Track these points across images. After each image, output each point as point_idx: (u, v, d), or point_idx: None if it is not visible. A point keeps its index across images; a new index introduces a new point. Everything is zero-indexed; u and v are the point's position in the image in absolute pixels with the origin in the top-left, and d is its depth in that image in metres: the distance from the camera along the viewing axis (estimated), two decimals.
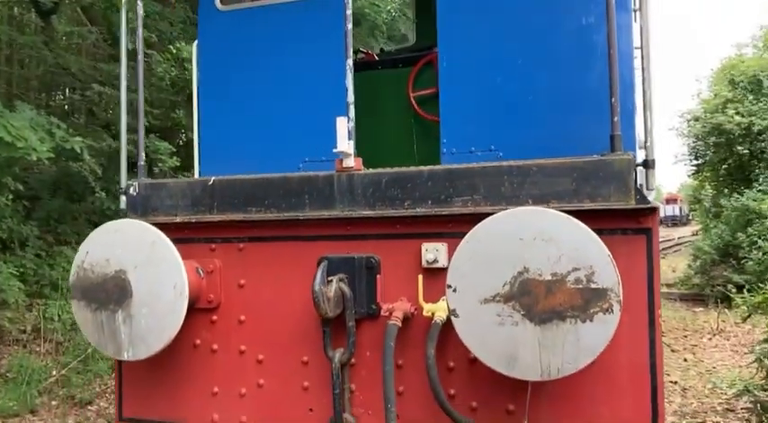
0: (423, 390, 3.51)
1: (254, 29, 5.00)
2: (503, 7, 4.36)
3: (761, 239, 14.26)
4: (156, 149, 10.26)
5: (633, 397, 3.32)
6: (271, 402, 3.98)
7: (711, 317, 12.69)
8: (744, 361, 9.10)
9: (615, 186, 3.33)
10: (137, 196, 4.30)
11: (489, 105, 4.36)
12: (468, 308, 3.15)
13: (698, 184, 23.67)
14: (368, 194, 3.80)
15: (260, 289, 4.03)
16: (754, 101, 17.55)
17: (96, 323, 3.81)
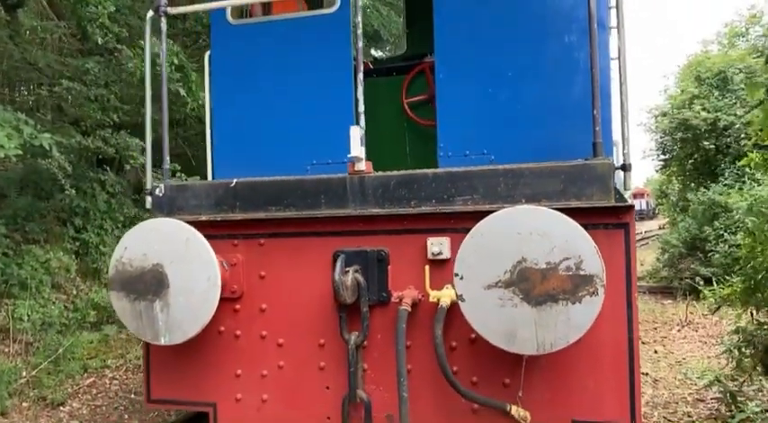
0: (428, 367, 4.05)
1: (263, 41, 5.29)
2: (494, 25, 4.77)
3: (727, 233, 14.53)
4: (127, 146, 10.11)
5: (614, 368, 3.86)
6: (290, 382, 4.45)
7: (680, 309, 12.92)
8: (712, 352, 9.28)
9: (597, 187, 3.89)
10: (162, 197, 4.77)
11: (482, 113, 4.77)
12: (473, 293, 3.65)
13: (665, 178, 24.04)
14: (378, 194, 4.31)
15: (279, 280, 4.50)
16: (720, 97, 17.89)
17: (135, 312, 4.25)
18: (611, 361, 3.90)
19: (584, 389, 3.94)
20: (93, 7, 8.95)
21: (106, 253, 10.42)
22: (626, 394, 3.86)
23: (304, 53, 5.16)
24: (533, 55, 4.71)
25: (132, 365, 9.40)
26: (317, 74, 5.10)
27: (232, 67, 5.42)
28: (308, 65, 5.15)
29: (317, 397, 4.41)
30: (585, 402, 3.94)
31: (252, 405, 4.55)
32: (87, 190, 10.40)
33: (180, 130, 13.43)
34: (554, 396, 3.97)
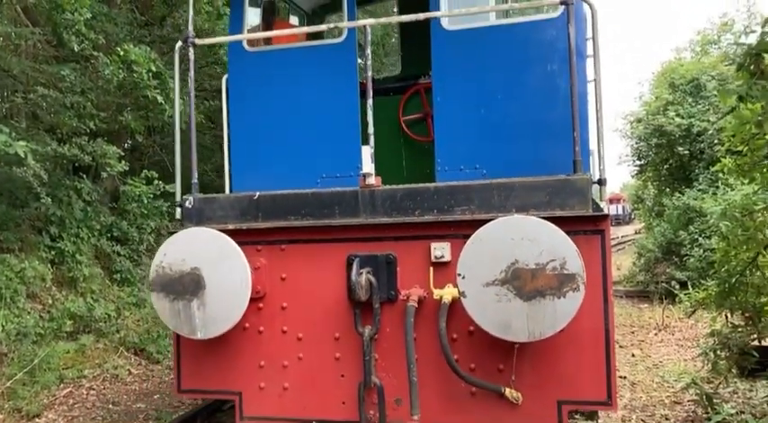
0: (432, 356, 4.70)
1: (277, 67, 5.84)
2: (485, 54, 5.38)
3: (702, 237, 14.72)
4: (104, 154, 10.01)
5: (593, 354, 4.51)
6: (309, 371, 5.05)
7: (656, 313, 13.06)
8: (689, 355, 9.40)
9: (577, 199, 4.53)
10: (192, 208, 5.37)
11: (474, 132, 5.37)
12: (473, 290, 4.28)
13: (641, 183, 24.29)
14: (386, 205, 4.93)
15: (299, 281, 5.11)
16: (693, 103, 18.12)
17: (174, 310, 4.85)
18: (590, 348, 4.53)
19: (568, 373, 4.57)
20: (69, 14, 8.88)
21: (82, 262, 10.30)
22: (603, 377, 4.50)
23: (314, 77, 5.70)
24: (520, 81, 5.29)
25: (110, 375, 9.29)
26: (325, 96, 5.65)
27: (248, 90, 5.93)
28: (317, 88, 5.69)
29: (333, 384, 5.00)
30: (569, 385, 4.56)
31: (274, 393, 5.12)
32: (63, 198, 10.28)
33: (158, 138, 13.34)
34: (542, 380, 4.60)
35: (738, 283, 6.70)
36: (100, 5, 10.27)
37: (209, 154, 14.66)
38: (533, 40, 5.32)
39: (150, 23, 12.49)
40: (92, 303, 10.13)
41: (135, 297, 11.14)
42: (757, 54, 4.59)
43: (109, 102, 10.29)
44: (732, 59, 5.24)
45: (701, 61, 20.39)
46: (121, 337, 10.24)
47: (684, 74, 18.89)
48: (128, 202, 10.94)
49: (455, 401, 4.76)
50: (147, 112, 10.42)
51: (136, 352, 10.28)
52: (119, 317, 10.60)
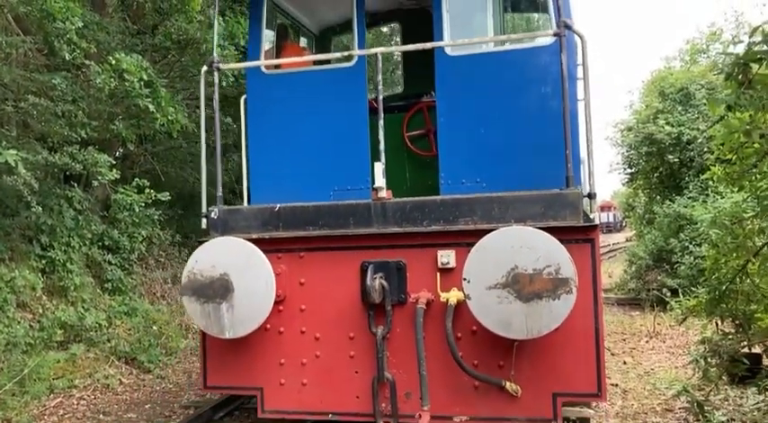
0: (439, 353, 5.16)
1: (292, 88, 6.30)
2: (484, 78, 5.86)
3: (692, 244, 14.78)
4: (95, 162, 9.98)
5: (584, 350, 4.99)
6: (325, 368, 5.52)
7: (648, 320, 13.09)
8: (680, 362, 9.43)
9: (570, 211, 5.07)
10: (217, 219, 5.85)
11: (475, 149, 5.82)
12: (477, 293, 4.77)
13: (631, 191, 24.39)
14: (396, 216, 5.44)
15: (316, 285, 5.58)
16: (683, 111, 18.23)
17: (205, 312, 5.31)
18: (581, 345, 5.03)
19: (562, 367, 5.06)
20: (61, 23, 8.87)
21: (73, 271, 10.25)
22: (594, 371, 5.01)
23: (327, 98, 6.15)
24: (516, 102, 5.74)
25: (100, 385, 9.23)
26: (337, 115, 6.10)
27: (265, 110, 6.39)
28: (330, 108, 6.13)
29: (347, 380, 5.47)
30: (563, 378, 5.06)
31: (293, 388, 5.59)
32: (54, 207, 10.24)
33: (149, 146, 13.32)
34: (538, 374, 5.09)
35: (728, 291, 6.74)
36: (91, 14, 10.27)
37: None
38: (529, 65, 5.80)
39: (142, 32, 12.49)
40: (82, 312, 10.08)
41: (126, 306, 11.08)
42: (745, 64, 4.63)
43: (100, 110, 10.26)
44: (720, 69, 5.35)
45: (691, 70, 20.53)
46: (112, 347, 10.18)
47: (674, 83, 19.01)
48: (119, 210, 10.90)
49: (460, 394, 5.25)
50: (139, 121, 10.39)
51: (127, 361, 10.23)
52: (110, 326, 10.55)
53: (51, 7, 8.73)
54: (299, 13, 7.75)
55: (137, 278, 12.33)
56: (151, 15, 12.21)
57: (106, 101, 9.93)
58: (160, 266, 13.95)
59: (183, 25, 10.52)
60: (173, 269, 14.27)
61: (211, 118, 13.01)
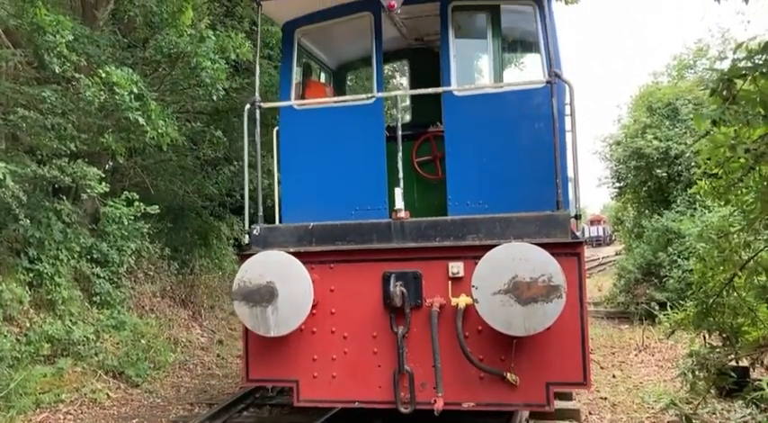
0: (449, 349, 5.98)
1: (319, 121, 7.23)
2: (486, 115, 6.76)
3: (680, 258, 14.88)
4: (84, 175, 9.94)
5: (572, 346, 5.84)
6: (352, 363, 6.35)
7: (637, 333, 13.14)
8: (669, 375, 9.46)
9: (560, 230, 5.98)
10: (258, 235, 6.73)
11: (478, 175, 6.71)
12: (484, 298, 5.64)
13: (620, 205, 24.52)
14: (413, 233, 6.32)
15: (344, 292, 6.43)
16: (671, 126, 18.42)
17: (253, 314, 6.17)
18: (570, 341, 5.86)
19: (553, 360, 5.88)
20: (51, 36, 8.87)
21: (61, 284, 10.18)
22: (580, 364, 5.83)
23: (348, 130, 7.05)
24: (514, 135, 6.65)
25: (87, 399, 9.17)
26: (358, 145, 6.99)
27: (295, 140, 7.28)
28: (351, 139, 7.03)
29: (371, 373, 6.29)
30: (554, 369, 5.88)
31: (325, 380, 6.41)
32: (42, 219, 10.20)
33: (139, 159, 13.29)
34: (534, 366, 5.91)
35: (716, 304, 6.79)
36: (82, 27, 10.27)
37: (191, 175, 14.63)
38: (524, 104, 6.68)
39: (133, 45, 12.50)
40: (70, 326, 10.01)
41: (114, 319, 11.01)
42: (729, 80, 4.69)
43: (90, 123, 10.23)
44: (706, 84, 5.45)
45: (678, 85, 20.73)
46: (100, 361, 10.11)
47: (662, 97, 19.21)
48: (108, 223, 10.85)
49: (468, 384, 6.07)
50: (129, 134, 10.37)
51: (115, 375, 10.16)
52: (98, 340, 10.47)
53: (42, 21, 8.74)
54: (321, 52, 8.78)
55: (125, 291, 12.26)
56: (142, 29, 12.24)
57: (96, 114, 9.91)
58: (149, 280, 13.89)
59: (173, 39, 10.52)
60: (161, 282, 14.21)
61: (203, 131, 13.01)
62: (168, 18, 10.35)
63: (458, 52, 7.19)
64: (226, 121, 14.31)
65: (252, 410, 8.65)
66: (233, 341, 14.56)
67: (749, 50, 4.63)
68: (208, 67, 10.57)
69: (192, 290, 15.34)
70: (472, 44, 8.08)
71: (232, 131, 14.30)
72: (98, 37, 10.77)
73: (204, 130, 13.12)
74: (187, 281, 15.36)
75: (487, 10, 7.38)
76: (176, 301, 14.61)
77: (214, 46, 10.82)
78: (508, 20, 7.47)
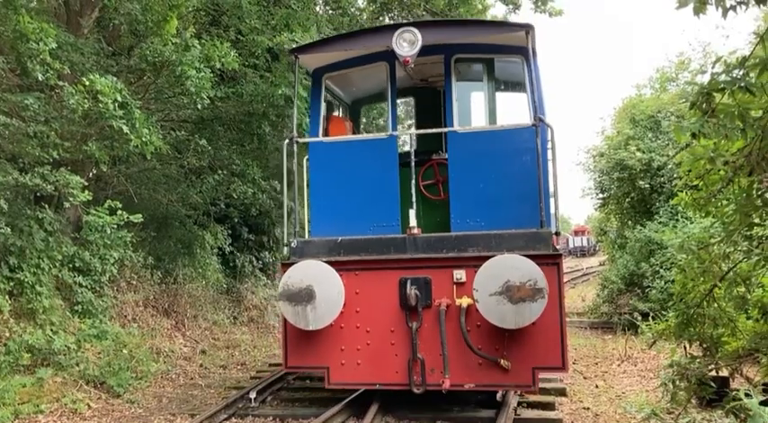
0: (454, 340, 7.49)
1: (342, 152, 8.70)
2: (483, 148, 8.22)
3: (662, 269, 14.98)
4: (67, 183, 9.88)
5: (552, 337, 7.34)
6: (374, 352, 7.85)
7: (620, 344, 13.21)
8: (651, 385, 9.51)
9: (543, 244, 7.51)
10: (296, 247, 8.22)
11: (476, 198, 8.11)
12: (483, 298, 7.15)
13: (604, 216, 24.63)
14: (425, 246, 7.88)
15: (367, 294, 7.92)
16: (653, 138, 18.57)
17: (295, 311, 7.66)
18: (551, 333, 7.36)
19: (538, 349, 7.37)
20: (34, 43, 8.83)
21: (42, 293, 10.09)
22: (559, 351, 7.32)
23: (368, 160, 8.42)
24: (505, 165, 8.06)
25: (68, 410, 9.06)
26: (375, 172, 8.35)
27: (322, 167, 8.66)
28: (370, 167, 8.39)
29: (390, 361, 7.78)
30: (539, 356, 7.38)
31: (351, 367, 7.88)
32: (24, 228, 10.11)
33: (122, 167, 13.22)
34: (522, 353, 7.40)
35: (696, 315, 6.83)
36: (66, 35, 10.23)
37: (175, 184, 14.57)
38: (514, 140, 8.13)
39: (118, 53, 12.46)
40: (51, 335, 9.91)
41: (96, 329, 10.91)
42: (708, 93, 4.76)
43: (73, 131, 10.18)
44: (686, 98, 5.54)
45: (661, 98, 20.92)
46: (81, 371, 10.01)
47: (644, 110, 19.37)
48: (90, 232, 10.77)
49: (469, 369, 7.54)
50: (113, 142, 10.32)
51: (96, 385, 10.06)
52: (79, 349, 10.37)
53: (25, 28, 8.70)
54: (340, 91, 10.26)
55: (108, 300, 12.16)
56: (127, 37, 12.22)
57: (79, 122, 9.87)
58: (132, 289, 13.79)
59: (158, 47, 10.50)
60: (144, 291, 14.11)
61: (187, 140, 12.98)
62: (153, 26, 10.34)
63: (459, 95, 8.76)
64: (210, 129, 14.28)
65: (234, 421, 8.59)
66: (216, 351, 14.47)
67: (727, 65, 4.71)
68: (193, 75, 10.55)
69: (176, 299, 15.24)
70: (470, 86, 9.64)
71: (217, 140, 14.28)
72: (82, 45, 10.73)
73: (189, 139, 13.09)
74: (170, 290, 15.26)
75: (483, 61, 8.92)
76: (159, 311, 14.51)
77: (199, 55, 10.80)
78: (501, 67, 8.98)
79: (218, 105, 13.35)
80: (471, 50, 8.68)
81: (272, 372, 11.38)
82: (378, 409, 8.21)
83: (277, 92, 12.69)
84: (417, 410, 8.33)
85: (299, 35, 12.43)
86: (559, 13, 19.59)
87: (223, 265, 18.25)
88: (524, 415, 8.02)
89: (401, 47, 7.89)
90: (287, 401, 9.59)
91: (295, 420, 8.49)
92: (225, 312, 17.27)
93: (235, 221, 18.25)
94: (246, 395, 9.19)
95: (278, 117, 13.79)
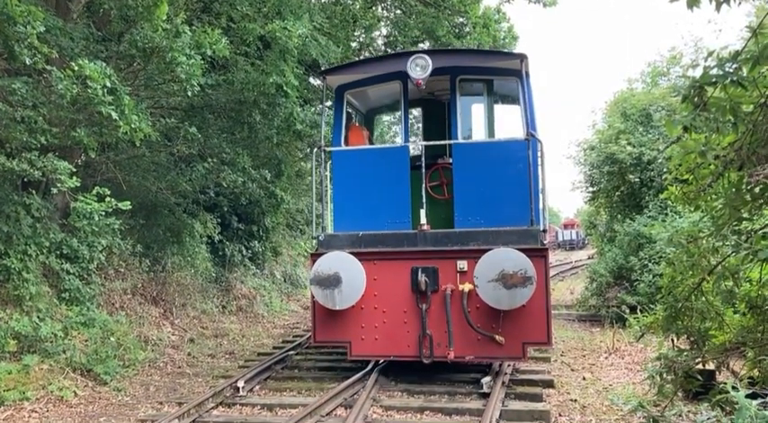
0: (457, 319, 8.84)
1: (361, 158, 10.02)
2: (482, 156, 9.56)
3: (651, 263, 15.04)
4: (55, 169, 9.78)
5: (539, 317, 8.73)
6: (389, 329, 9.24)
7: (607, 337, 13.25)
8: (637, 378, 9.57)
9: (533, 239, 8.91)
10: (323, 240, 9.63)
11: (477, 199, 9.43)
12: (482, 284, 8.51)
13: (593, 209, 24.67)
14: (433, 240, 9.23)
15: (384, 280, 9.26)
16: (644, 132, 18.59)
17: (324, 294, 9.04)
18: (538, 314, 8.76)
19: (527, 327, 8.78)
20: (22, 27, 8.71)
21: (29, 279, 10.02)
22: (545, 329, 8.77)
23: (383, 166, 9.75)
24: (502, 172, 9.37)
25: (54, 397, 9.02)
26: (389, 176, 9.67)
27: (343, 171, 10.00)
28: (384, 171, 9.69)
29: (402, 336, 9.18)
30: (528, 333, 8.78)
31: (369, 341, 9.29)
32: (11, 214, 10.02)
33: (111, 154, 13.11)
34: (515, 331, 8.78)
35: (684, 308, 6.86)
36: (55, 19, 10.10)
37: (165, 172, 14.47)
38: (509, 150, 9.50)
39: (107, 39, 12.32)
40: (37, 322, 9.84)
41: (83, 316, 10.86)
42: (700, 87, 4.75)
43: (62, 117, 10.06)
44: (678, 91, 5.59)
45: (652, 92, 20.93)
46: (68, 358, 9.96)
47: (636, 104, 19.38)
48: (78, 218, 10.67)
49: (469, 343, 8.92)
50: (102, 129, 10.21)
51: (83, 373, 10.01)
52: (66, 336, 10.31)
53: (12, 11, 8.56)
54: (358, 103, 11.59)
55: (95, 288, 12.09)
56: (117, 22, 12.07)
57: (68, 107, 9.75)
58: (120, 276, 13.72)
59: (148, 33, 10.38)
60: (132, 279, 14.04)
61: (177, 127, 12.89)
62: (143, 12, 10.20)
63: (462, 109, 10.19)
64: (201, 117, 14.18)
65: (221, 409, 8.58)
66: (204, 340, 14.44)
67: (720, 59, 4.70)
68: (183, 62, 10.44)
69: (164, 287, 15.18)
70: (472, 100, 10.97)
71: (207, 128, 14.17)
72: (71, 29, 10.60)
73: (179, 127, 12.98)
74: (159, 278, 15.19)
75: (484, 81, 10.35)
76: (147, 299, 14.44)
77: (190, 41, 10.70)
78: (498, 85, 10.39)
79: (208, 93, 13.24)
80: (474, 72, 10.02)
81: (261, 361, 11.37)
82: (365, 399, 8.24)
83: (268, 80, 12.58)
84: (405, 399, 8.46)
85: (290, 23, 12.33)
86: (553, 4, 19.56)
87: (212, 254, 18.19)
88: (512, 406, 8.05)
89: (414, 71, 9.16)
90: (275, 390, 9.59)
91: (283, 409, 8.49)
92: (213, 301, 17.23)
93: (224, 210, 18.17)
94: (234, 384, 9.18)
95: (269, 105, 13.68)
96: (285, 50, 12.59)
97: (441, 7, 19.59)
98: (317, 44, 13.99)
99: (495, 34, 20.46)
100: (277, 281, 22.47)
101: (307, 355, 12.13)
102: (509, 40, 21.39)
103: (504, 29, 21.34)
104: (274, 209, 19.64)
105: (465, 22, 20.52)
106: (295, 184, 22.11)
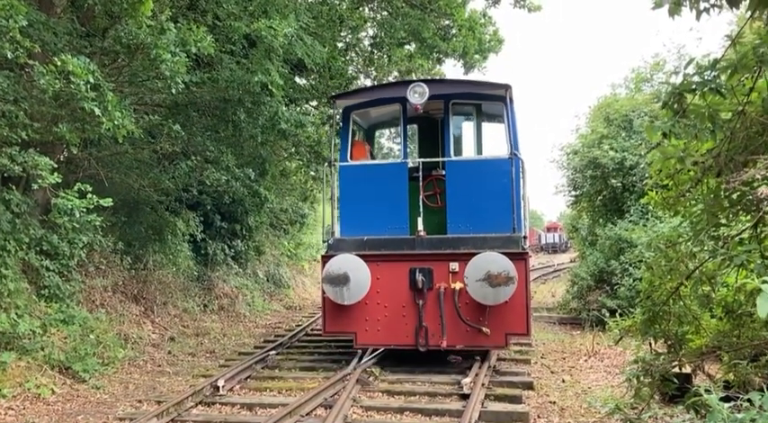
0: (449, 314, 9.99)
1: (365, 172, 11.18)
2: (471, 172, 10.75)
3: (631, 267, 15.18)
4: (36, 165, 9.69)
5: (520, 312, 9.96)
6: (390, 322, 10.32)
7: (587, 340, 13.35)
8: (616, 381, 9.65)
9: (515, 244, 10.17)
10: (332, 243, 10.74)
11: (467, 209, 10.55)
12: (471, 283, 9.71)
13: (576, 213, 24.84)
14: (428, 244, 10.36)
15: (385, 279, 10.33)
16: (627, 137, 18.78)
17: (334, 291, 10.11)
18: (519, 309, 9.92)
19: (509, 320, 9.91)
20: (4, 20, 8.62)
21: (8, 276, 9.91)
22: (524, 322, 9.94)
23: (384, 178, 10.92)
24: (489, 185, 10.52)
25: (31, 395, 8.94)
26: (389, 187, 10.80)
27: (349, 183, 11.13)
28: (385, 183, 10.83)
29: (401, 328, 10.25)
30: (510, 325, 9.93)
31: (373, 332, 10.36)
32: None
33: (94, 150, 13.01)
34: (499, 323, 9.92)
35: (662, 312, 6.93)
36: (38, 13, 10.01)
37: (147, 169, 14.38)
38: (495, 166, 10.70)
39: (91, 34, 12.23)
40: (15, 319, 9.73)
41: (63, 313, 10.75)
42: (680, 94, 4.82)
43: (44, 112, 9.96)
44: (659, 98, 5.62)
45: (635, 98, 21.12)
46: (46, 355, 9.87)
47: (619, 109, 19.55)
48: (59, 215, 10.56)
49: (460, 334, 10.00)
50: (84, 124, 10.13)
51: (61, 370, 9.93)
52: (44, 334, 10.22)
53: None
54: (361, 120, 12.75)
55: (75, 285, 12.00)
56: (101, 18, 11.99)
57: (50, 102, 9.66)
58: (100, 274, 13.62)
59: (133, 30, 10.32)
60: (113, 277, 13.95)
61: (161, 124, 12.78)
62: (128, 8, 10.13)
63: (454, 128, 11.46)
64: (185, 115, 14.09)
65: (201, 408, 8.55)
66: (185, 338, 14.37)
67: (699, 67, 4.77)
68: (168, 59, 10.38)
69: (145, 285, 15.09)
70: (463, 119, 12.32)
71: (191, 126, 14.10)
72: (54, 24, 10.51)
73: (162, 124, 12.88)
74: (140, 276, 15.10)
75: (473, 105, 11.62)
76: (128, 297, 14.36)
77: (175, 38, 10.65)
78: (486, 106, 11.60)
79: (193, 91, 13.17)
80: (465, 97, 11.28)
81: (242, 360, 11.34)
82: (345, 399, 8.25)
83: (253, 79, 12.54)
84: (385, 399, 8.45)
85: (276, 22, 12.31)
86: (538, 9, 19.69)
87: (194, 253, 18.10)
88: (491, 408, 8.09)
89: (413, 97, 10.37)
90: (255, 390, 9.57)
91: (263, 409, 8.47)
92: (195, 300, 17.15)
93: (207, 208, 18.08)
94: (214, 383, 9.15)
95: (253, 104, 13.63)
96: (271, 49, 12.56)
97: (427, 9, 19.65)
98: (303, 44, 13.96)
99: (480, 37, 20.59)
100: (260, 280, 22.41)
101: (288, 354, 12.12)
102: (494, 43, 21.50)
103: (490, 32, 21.45)
104: (258, 208, 19.59)
105: (451, 24, 20.62)
106: (279, 184, 22.07)
